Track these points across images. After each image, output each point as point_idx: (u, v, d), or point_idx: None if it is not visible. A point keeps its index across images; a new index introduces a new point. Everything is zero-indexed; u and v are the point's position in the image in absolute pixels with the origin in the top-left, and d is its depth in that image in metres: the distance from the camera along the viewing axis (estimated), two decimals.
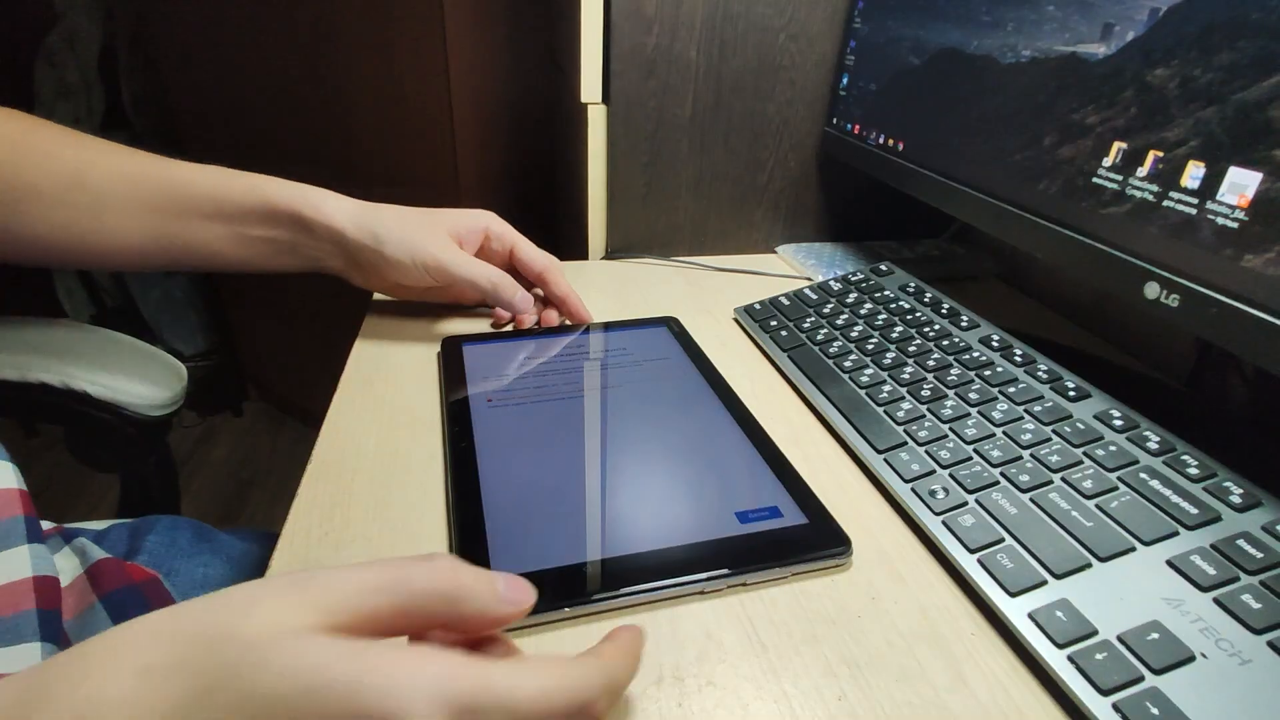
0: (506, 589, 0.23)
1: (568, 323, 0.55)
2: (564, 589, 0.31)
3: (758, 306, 0.57)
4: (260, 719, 0.18)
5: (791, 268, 0.69)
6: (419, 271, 0.49)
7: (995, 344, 0.46)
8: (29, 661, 0.36)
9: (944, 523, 0.35)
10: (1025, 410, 0.41)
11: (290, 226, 0.47)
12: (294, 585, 0.21)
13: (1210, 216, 0.35)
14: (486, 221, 0.53)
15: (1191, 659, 0.27)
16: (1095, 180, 0.41)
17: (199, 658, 0.19)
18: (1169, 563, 0.31)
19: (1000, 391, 0.42)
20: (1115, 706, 0.26)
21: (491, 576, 0.23)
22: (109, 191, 0.45)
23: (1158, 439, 0.37)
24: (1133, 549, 0.32)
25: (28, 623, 0.37)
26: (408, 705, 0.19)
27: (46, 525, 0.45)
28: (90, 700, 0.19)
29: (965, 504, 0.36)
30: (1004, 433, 0.39)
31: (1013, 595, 0.31)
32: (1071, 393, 0.41)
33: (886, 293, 0.55)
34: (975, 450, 0.39)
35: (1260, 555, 0.30)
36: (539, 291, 0.56)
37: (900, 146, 0.58)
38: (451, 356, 0.49)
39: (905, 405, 0.43)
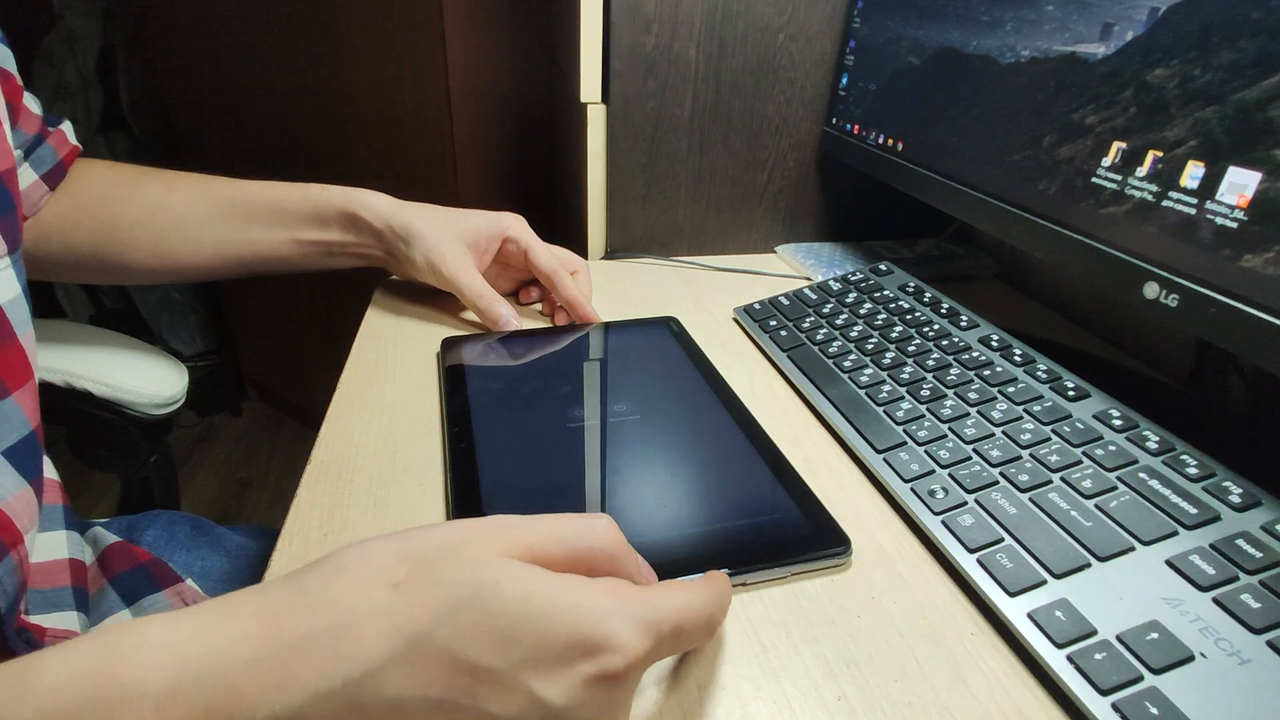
0: (643, 566, 0.28)
1: (569, 324, 0.55)
2: None
3: (757, 306, 0.57)
4: (500, 638, 0.21)
5: (791, 267, 0.69)
6: (432, 276, 0.53)
7: (995, 344, 0.46)
8: (72, 625, 0.42)
9: (943, 522, 0.35)
10: (1025, 410, 0.41)
11: (341, 226, 0.53)
12: (489, 527, 0.25)
13: (1209, 216, 0.35)
14: (505, 226, 0.55)
15: (1191, 659, 0.27)
16: (1095, 180, 0.41)
17: (437, 577, 0.22)
18: (1168, 562, 0.31)
19: (1000, 391, 0.42)
20: (1115, 706, 0.26)
21: (633, 550, 0.27)
22: (188, 210, 0.52)
23: (1157, 439, 0.37)
24: (1132, 549, 0.32)
25: (66, 596, 0.44)
26: (618, 630, 0.22)
27: None
28: (350, 611, 0.22)
29: (965, 504, 0.36)
30: (1003, 432, 0.39)
31: (1012, 595, 0.31)
32: (1071, 392, 0.41)
33: (886, 292, 0.55)
34: (975, 450, 0.39)
35: (1259, 555, 0.30)
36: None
37: (900, 146, 0.58)
38: (451, 356, 0.49)
39: (905, 405, 0.43)
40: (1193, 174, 0.35)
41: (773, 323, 0.55)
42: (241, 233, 0.52)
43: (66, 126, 0.52)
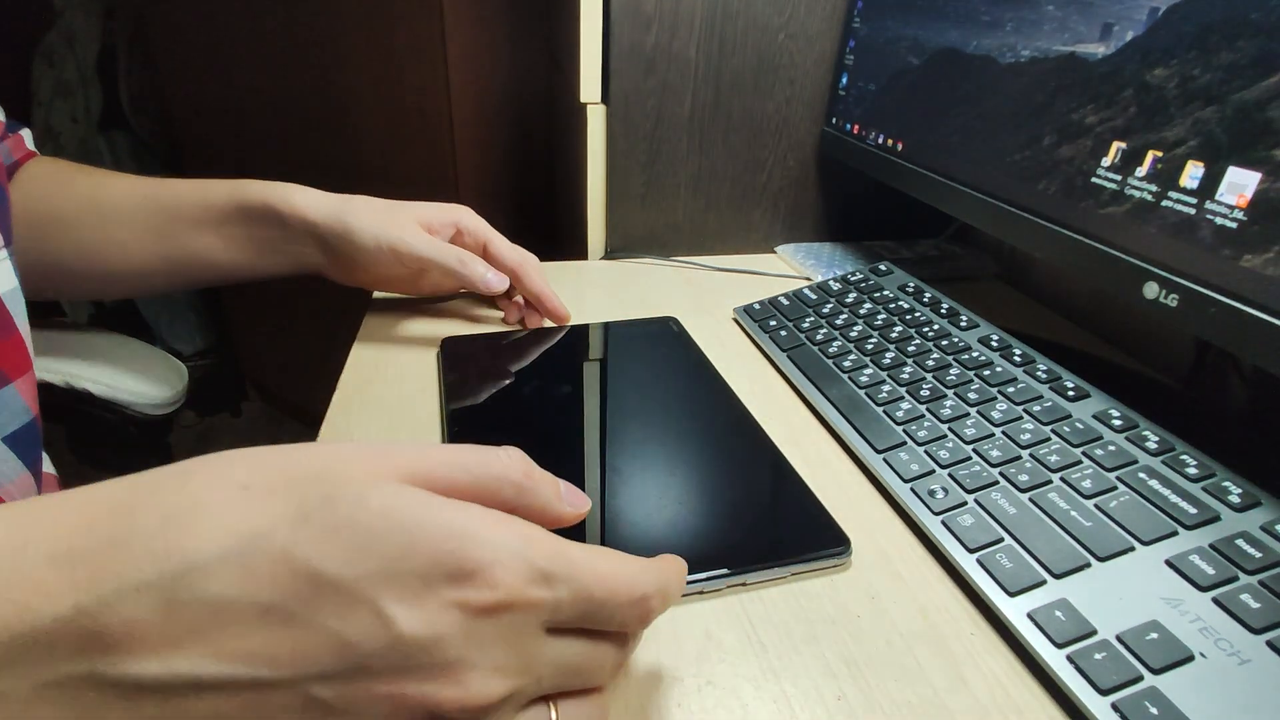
0: (567, 492, 0.25)
1: (566, 323, 0.55)
2: None
3: (757, 306, 0.57)
4: (351, 548, 0.19)
5: (791, 268, 0.69)
6: (387, 257, 0.48)
7: (994, 344, 0.46)
8: None
9: (943, 522, 0.35)
10: (1024, 410, 0.41)
11: (267, 223, 0.49)
12: (383, 449, 0.22)
13: (1209, 216, 0.35)
14: (458, 215, 0.52)
15: (1190, 659, 0.27)
16: (1094, 180, 0.41)
17: (296, 487, 0.20)
18: (1168, 562, 0.31)
19: (999, 391, 0.42)
20: (1114, 706, 0.26)
21: (554, 479, 0.25)
22: (115, 208, 0.49)
23: (1157, 439, 0.37)
24: (1132, 549, 0.32)
25: None
26: (493, 556, 0.20)
27: None
28: (192, 502, 0.19)
29: (964, 504, 0.36)
30: (1003, 432, 0.39)
31: (1012, 595, 0.31)
32: (1070, 392, 0.41)
33: (886, 293, 0.55)
34: (974, 450, 0.39)
35: (1259, 555, 0.30)
36: (519, 299, 0.56)
37: (900, 146, 0.58)
38: (451, 357, 0.49)
39: (904, 405, 0.43)
40: (1192, 174, 0.35)
41: (772, 323, 0.55)
42: (167, 233, 0.49)
43: (26, 133, 0.51)
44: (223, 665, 0.18)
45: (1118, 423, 0.38)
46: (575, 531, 0.34)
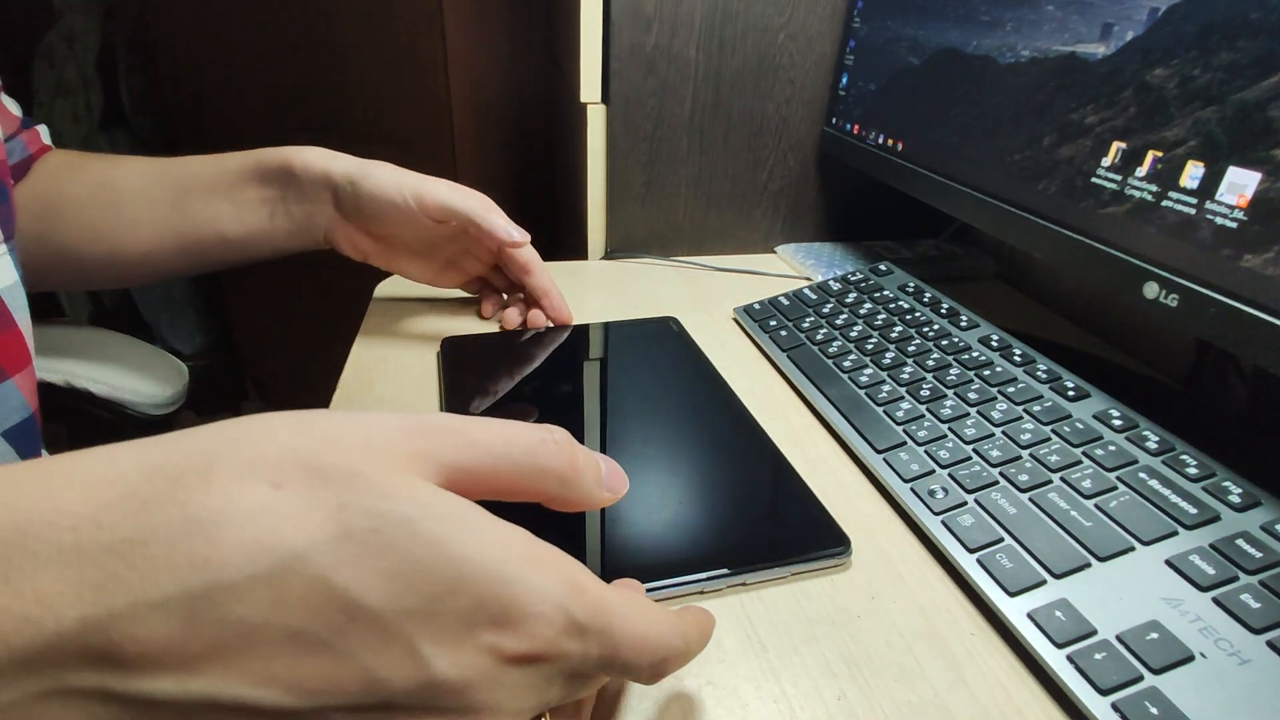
0: (608, 476, 0.24)
1: (569, 324, 0.55)
2: None
3: (757, 306, 0.57)
4: (395, 581, 0.18)
5: (791, 267, 0.69)
6: (407, 204, 0.47)
7: (994, 344, 0.46)
8: None
9: (943, 522, 0.35)
10: (1024, 410, 0.41)
11: (280, 181, 0.49)
12: (422, 434, 0.20)
13: (1209, 216, 0.35)
14: (482, 197, 0.52)
15: (1190, 659, 0.27)
16: (1094, 180, 0.41)
17: (335, 491, 0.18)
18: (1168, 562, 0.31)
19: (999, 391, 0.42)
20: (1114, 706, 0.26)
21: (597, 461, 0.24)
22: (128, 186, 0.49)
23: (1157, 439, 0.37)
24: (1132, 549, 0.32)
25: None
26: (537, 609, 0.19)
27: None
28: (217, 503, 0.17)
29: (964, 504, 0.36)
30: (1003, 432, 0.39)
31: (1012, 595, 0.31)
32: (1071, 392, 0.41)
33: (886, 292, 0.55)
34: (974, 450, 0.39)
35: (1259, 555, 0.30)
36: (519, 296, 0.56)
37: (899, 146, 0.58)
38: (451, 356, 0.49)
39: (905, 405, 0.43)
40: (1192, 174, 0.35)
41: (773, 323, 0.55)
42: (179, 205, 0.48)
43: (42, 129, 0.51)
44: (243, 688, 0.17)
45: (1118, 423, 0.38)
46: (577, 524, 0.34)
